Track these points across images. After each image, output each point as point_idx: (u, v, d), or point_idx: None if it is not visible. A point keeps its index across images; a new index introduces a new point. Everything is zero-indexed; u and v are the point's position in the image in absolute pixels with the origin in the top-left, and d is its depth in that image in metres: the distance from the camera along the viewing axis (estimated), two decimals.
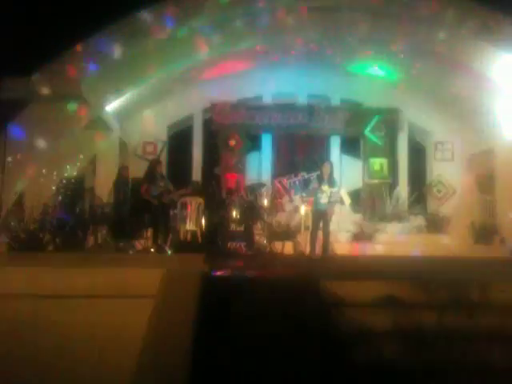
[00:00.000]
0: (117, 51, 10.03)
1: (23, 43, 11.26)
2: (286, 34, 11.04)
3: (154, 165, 9.77)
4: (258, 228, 10.57)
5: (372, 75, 12.85)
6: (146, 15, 10.13)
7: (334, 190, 9.02)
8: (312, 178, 9.93)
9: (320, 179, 9.04)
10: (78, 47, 9.93)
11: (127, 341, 3.02)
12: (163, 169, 10.48)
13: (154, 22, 10.14)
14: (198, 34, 10.34)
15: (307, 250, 9.63)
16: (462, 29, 10.30)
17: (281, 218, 11.58)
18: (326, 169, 9.08)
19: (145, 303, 3.26)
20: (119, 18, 10.02)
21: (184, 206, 9.80)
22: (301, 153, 13.45)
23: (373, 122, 13.32)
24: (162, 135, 13.13)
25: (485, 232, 11.86)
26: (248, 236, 10.09)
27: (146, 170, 9.80)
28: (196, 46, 10.56)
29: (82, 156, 11.47)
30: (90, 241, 9.53)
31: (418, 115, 13.34)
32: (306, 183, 10.41)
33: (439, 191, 13.27)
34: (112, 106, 11.24)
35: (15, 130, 9.79)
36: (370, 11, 10.50)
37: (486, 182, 12.56)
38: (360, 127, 13.38)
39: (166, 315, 3.17)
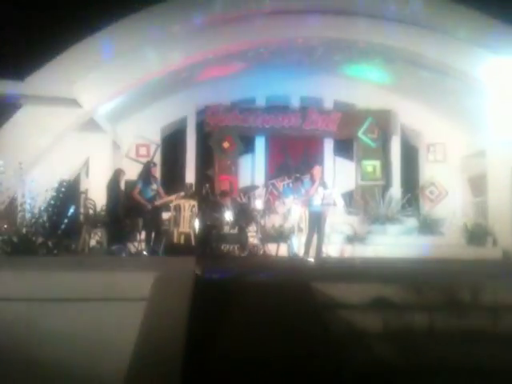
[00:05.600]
0: (110, 53, 10.02)
1: (16, 45, 11.23)
2: (279, 37, 11.03)
3: (148, 167, 9.75)
4: (251, 230, 10.59)
5: (365, 77, 12.89)
6: (138, 16, 10.14)
7: (328, 192, 9.06)
8: (305, 180, 9.95)
9: (311, 182, 9.09)
10: (71, 50, 9.92)
11: (119, 344, 3.01)
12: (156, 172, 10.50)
13: (147, 23, 10.15)
14: (192, 35, 10.34)
15: (301, 251, 9.65)
16: (455, 32, 10.37)
17: (274, 220, 11.60)
18: (316, 172, 9.14)
19: (137, 306, 3.24)
20: (112, 20, 10.03)
21: (177, 208, 9.81)
22: (294, 155, 13.47)
23: (366, 124, 13.36)
24: (156, 137, 13.11)
25: (477, 233, 11.92)
26: (241, 238, 10.11)
27: (140, 172, 9.78)
28: (191, 46, 10.53)
29: (74, 159, 11.44)
30: (83, 244, 9.50)
31: (410, 117, 13.39)
32: (299, 185, 10.41)
33: (432, 193, 13.32)
34: (105, 108, 11.22)
35: (7, 132, 9.78)
36: (364, 14, 10.54)
37: (478, 184, 12.63)
38: (353, 129, 13.42)
39: (158, 318, 3.16)
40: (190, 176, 13.11)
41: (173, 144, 13.62)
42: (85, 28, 10.12)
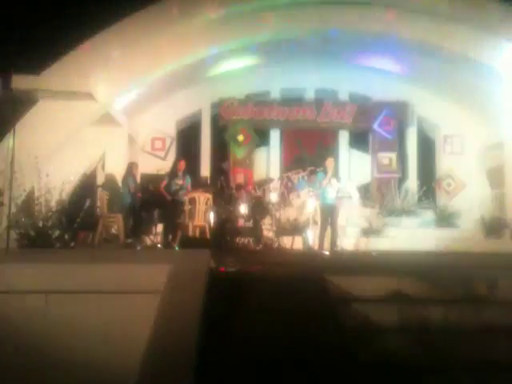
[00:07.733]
0: (126, 47, 10.04)
1: (32, 39, 11.30)
2: (294, 29, 10.96)
3: (175, 162, 10.28)
4: (266, 223, 10.59)
5: (380, 69, 12.76)
6: (154, 9, 10.13)
7: (342, 184, 9.03)
8: (320, 172, 9.91)
9: (325, 174, 9.06)
10: (86, 43, 9.95)
11: (134, 336, 3.03)
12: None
13: (163, 16, 10.14)
14: (209, 27, 10.31)
15: (316, 244, 9.64)
16: (471, 22, 10.22)
17: (289, 213, 11.58)
18: (329, 164, 9.11)
19: (152, 299, 3.26)
20: (127, 13, 10.03)
21: (192, 201, 9.84)
22: (309, 148, 13.41)
23: (381, 116, 13.24)
24: (171, 131, 13.15)
25: (495, 226, 11.79)
26: (256, 231, 10.13)
27: (171, 167, 10.29)
28: (207, 38, 10.51)
29: (90, 153, 11.51)
30: (99, 237, 9.57)
31: (427, 109, 13.23)
32: (313, 178, 10.39)
33: (449, 185, 13.18)
34: (121, 101, 11.26)
35: (23, 127, 9.85)
36: (380, 5, 10.45)
37: (496, 176, 12.47)
38: (369, 121, 13.31)
39: (172, 311, 3.17)
40: (205, 169, 13.13)
41: (188, 137, 13.64)
42: (99, 21, 10.13)
